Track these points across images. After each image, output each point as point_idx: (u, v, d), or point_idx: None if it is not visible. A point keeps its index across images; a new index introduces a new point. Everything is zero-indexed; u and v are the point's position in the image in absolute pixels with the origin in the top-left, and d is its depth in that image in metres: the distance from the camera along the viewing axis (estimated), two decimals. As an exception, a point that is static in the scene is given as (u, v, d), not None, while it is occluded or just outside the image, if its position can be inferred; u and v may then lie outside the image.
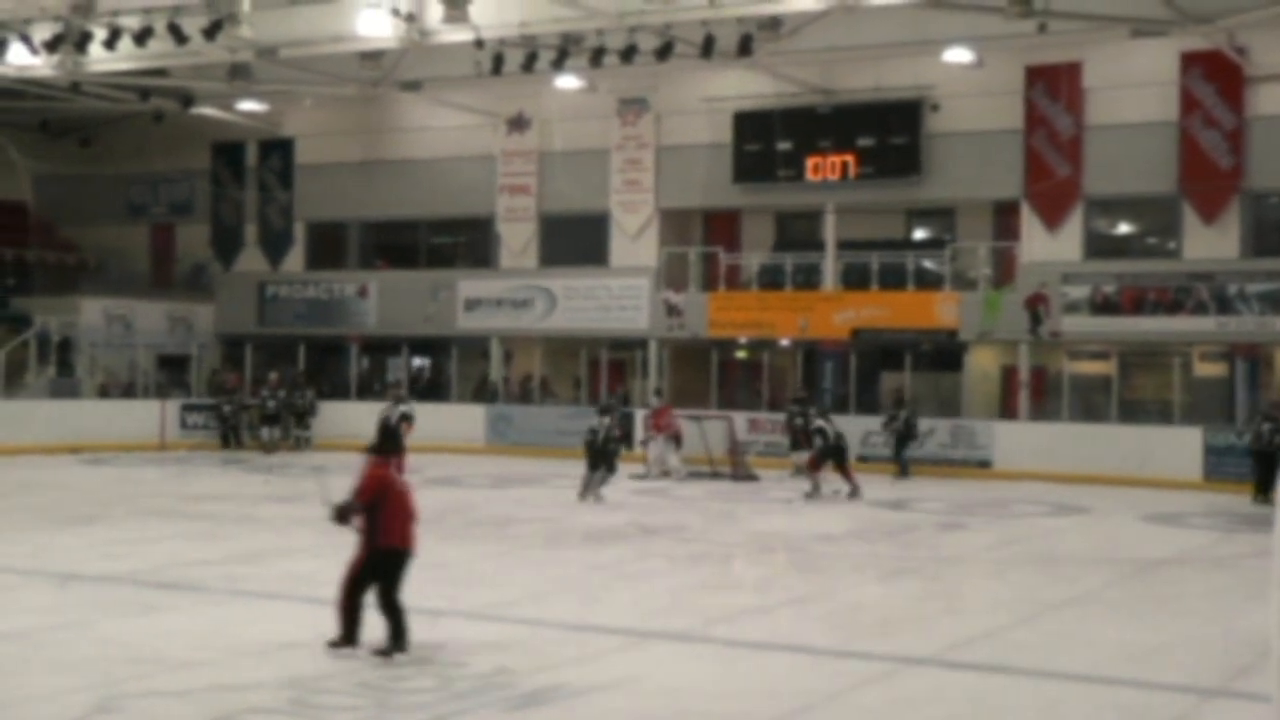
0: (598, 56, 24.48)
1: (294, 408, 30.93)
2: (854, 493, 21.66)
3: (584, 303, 30.51)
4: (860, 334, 27.95)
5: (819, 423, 22.40)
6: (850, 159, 28.08)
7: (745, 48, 24.22)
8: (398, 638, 9.91)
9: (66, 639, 10.58)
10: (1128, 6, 24.08)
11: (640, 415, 27.36)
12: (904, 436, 25.48)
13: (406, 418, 23.19)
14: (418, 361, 34.39)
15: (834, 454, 21.92)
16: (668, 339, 29.82)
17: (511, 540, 16.75)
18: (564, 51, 24.88)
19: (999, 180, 27.27)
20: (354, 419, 31.00)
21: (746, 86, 28.68)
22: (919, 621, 11.92)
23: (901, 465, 25.36)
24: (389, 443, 18.41)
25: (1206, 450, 24.33)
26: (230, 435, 30.62)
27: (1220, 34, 24.37)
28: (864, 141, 28.03)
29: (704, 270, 30.27)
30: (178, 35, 24.22)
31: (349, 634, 10.00)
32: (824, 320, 28.18)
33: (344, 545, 15.73)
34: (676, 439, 25.17)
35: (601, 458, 21.12)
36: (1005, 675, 9.91)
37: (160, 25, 24.28)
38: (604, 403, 24.76)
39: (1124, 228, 27.99)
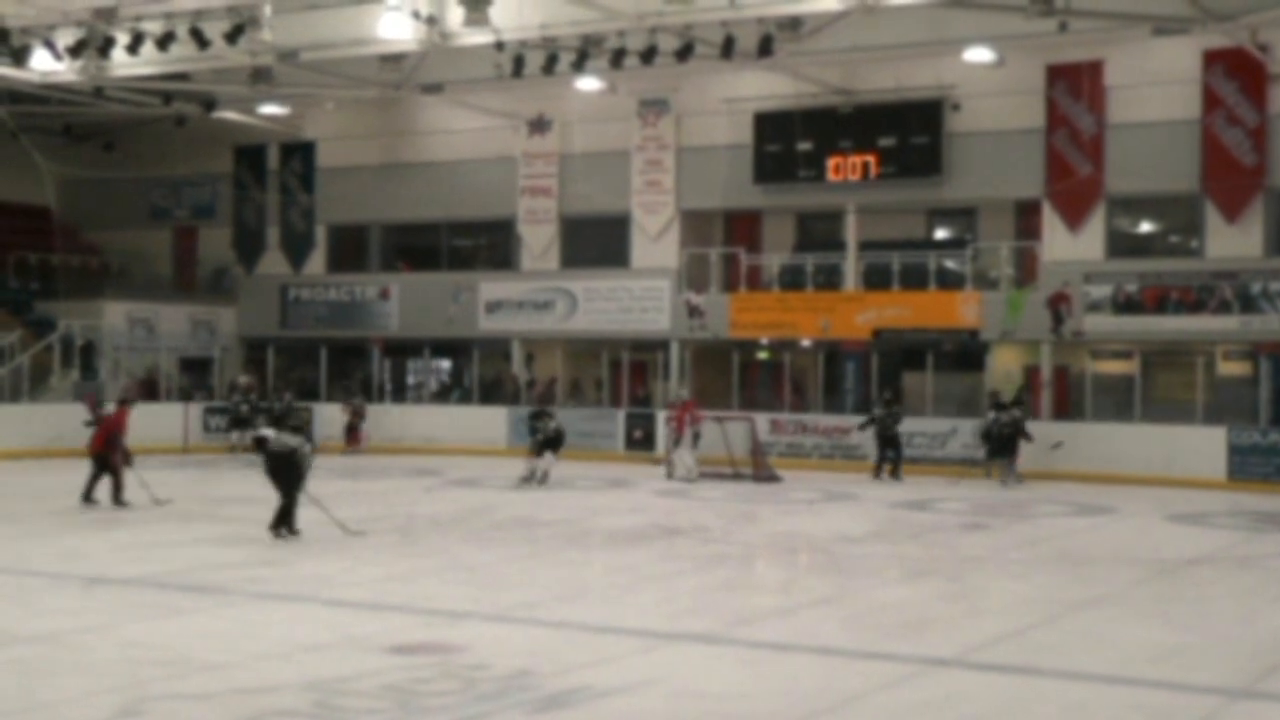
0: (618, 58, 24.48)
1: (270, 412, 30.61)
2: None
3: (605, 304, 30.52)
4: (882, 334, 27.91)
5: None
6: (871, 159, 28.05)
7: (765, 48, 24.19)
8: None
9: (92, 642, 10.63)
10: (1149, 4, 23.93)
11: (663, 414, 27.31)
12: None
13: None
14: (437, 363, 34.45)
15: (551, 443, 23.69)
16: (689, 340, 29.82)
17: (534, 542, 16.75)
18: (584, 53, 24.89)
19: (1020, 179, 27.17)
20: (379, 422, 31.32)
21: (767, 87, 28.65)
22: (942, 622, 11.89)
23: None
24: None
25: (1231, 450, 24.21)
26: None
27: (1243, 31, 24.25)
28: (885, 141, 27.99)
29: (725, 271, 30.24)
30: (200, 39, 24.37)
31: None
32: (845, 321, 28.14)
33: (367, 548, 15.84)
34: (696, 436, 25.20)
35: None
36: (1029, 676, 9.88)
37: (182, 30, 24.37)
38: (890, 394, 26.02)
39: (1146, 226, 27.86)
